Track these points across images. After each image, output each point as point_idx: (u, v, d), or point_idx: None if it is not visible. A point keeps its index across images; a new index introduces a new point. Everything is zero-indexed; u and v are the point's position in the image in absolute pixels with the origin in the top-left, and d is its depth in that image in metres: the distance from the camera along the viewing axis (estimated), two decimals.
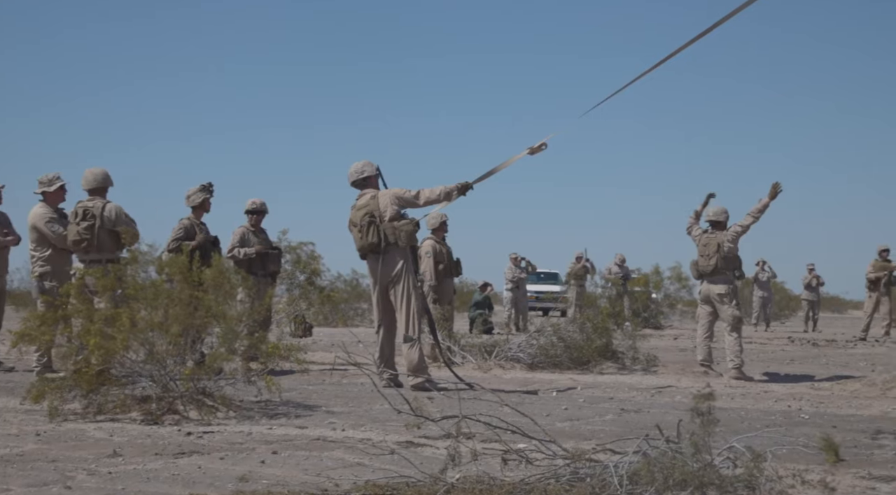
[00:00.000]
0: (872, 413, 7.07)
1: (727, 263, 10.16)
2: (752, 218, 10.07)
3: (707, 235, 10.31)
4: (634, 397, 8.03)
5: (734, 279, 10.32)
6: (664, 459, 3.62)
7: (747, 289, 26.10)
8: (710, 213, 10.40)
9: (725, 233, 10.21)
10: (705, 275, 10.29)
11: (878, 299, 18.63)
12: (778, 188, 9.95)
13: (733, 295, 10.27)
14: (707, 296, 10.35)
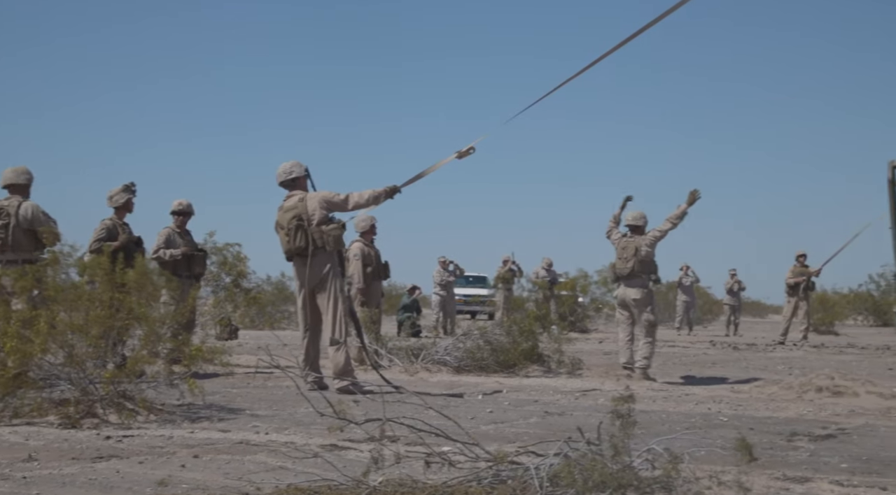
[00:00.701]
0: (788, 415, 7.24)
1: (644, 267, 10.36)
2: (670, 224, 10.28)
3: (625, 239, 10.50)
4: (559, 400, 8.11)
5: (650, 283, 10.52)
6: (584, 461, 3.67)
7: (671, 293, 26.52)
8: (629, 218, 10.60)
9: (643, 237, 10.40)
10: (622, 277, 10.48)
11: (797, 304, 19.08)
12: (696, 195, 10.18)
13: (649, 299, 10.48)
14: (623, 300, 10.54)
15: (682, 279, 24.38)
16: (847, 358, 14.39)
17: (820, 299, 26.44)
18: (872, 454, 5.43)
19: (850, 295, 33.77)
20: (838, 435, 6.15)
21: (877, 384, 8.81)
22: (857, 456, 5.33)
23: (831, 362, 13.01)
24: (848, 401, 8.06)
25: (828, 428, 6.50)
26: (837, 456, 5.35)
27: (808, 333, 19.33)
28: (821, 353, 15.62)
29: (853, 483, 4.54)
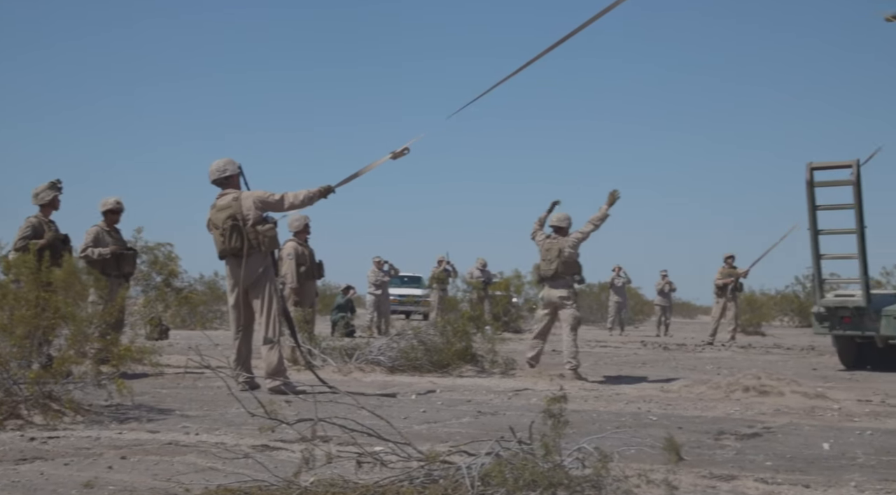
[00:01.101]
0: (716, 414, 7.37)
1: (567, 268, 10.56)
2: (592, 225, 10.56)
3: (549, 240, 10.70)
4: (492, 400, 8.15)
5: (574, 283, 10.71)
6: (516, 460, 3.69)
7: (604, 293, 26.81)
8: (553, 219, 10.81)
9: (567, 238, 10.61)
10: (546, 278, 10.68)
11: (725, 305, 19.42)
12: (615, 195, 10.51)
13: (573, 297, 10.69)
14: (549, 300, 10.71)
15: (615, 280, 24.66)
16: (773, 358, 14.69)
17: (748, 300, 26.94)
18: (796, 452, 5.55)
19: (777, 296, 34.47)
20: (764, 434, 6.28)
21: (801, 384, 9.00)
22: (782, 455, 5.44)
23: (758, 362, 13.27)
24: (773, 401, 8.23)
25: (754, 426, 6.63)
26: (762, 454, 5.46)
27: (735, 334, 19.69)
28: (748, 354, 15.92)
29: (777, 480, 4.64)
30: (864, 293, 11.58)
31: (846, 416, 7.34)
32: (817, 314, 12.09)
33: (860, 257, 11.37)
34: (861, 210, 11.09)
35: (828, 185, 11.45)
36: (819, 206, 11.40)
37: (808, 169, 11.16)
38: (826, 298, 11.93)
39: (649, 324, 30.09)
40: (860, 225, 11.18)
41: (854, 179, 10.91)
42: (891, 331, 11.55)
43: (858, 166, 10.83)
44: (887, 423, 6.96)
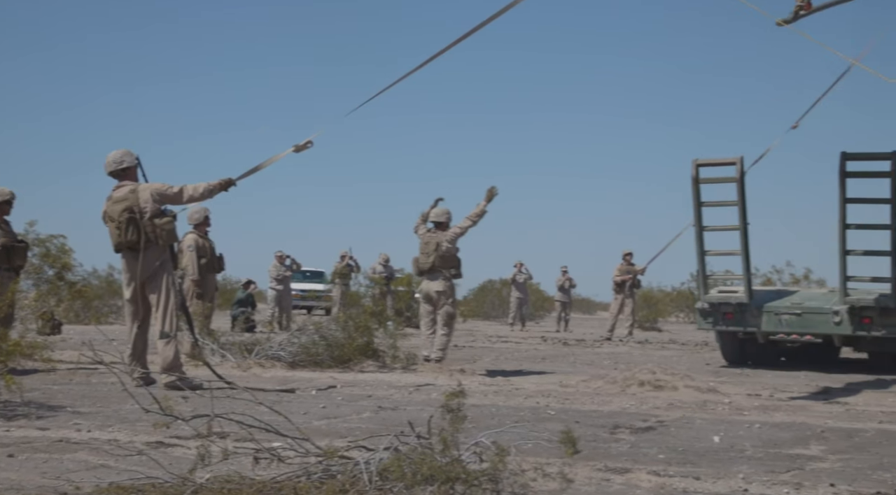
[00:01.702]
0: (612, 409, 7.51)
1: (445, 262, 10.79)
2: (469, 221, 10.80)
3: (429, 234, 10.90)
4: (393, 395, 8.16)
5: (451, 277, 10.91)
6: (414, 455, 3.70)
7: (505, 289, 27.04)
8: (433, 214, 11.01)
9: (445, 233, 10.82)
10: (424, 272, 10.89)
11: (623, 301, 19.80)
12: (494, 192, 10.76)
13: (451, 292, 10.91)
14: (427, 294, 10.92)
15: (516, 276, 24.90)
16: (668, 353, 15.05)
17: (645, 297, 27.51)
18: (688, 445, 5.70)
19: (673, 293, 35.29)
20: (657, 428, 6.43)
21: (695, 378, 9.25)
22: (674, 447, 5.58)
23: (654, 357, 13.58)
24: (668, 395, 8.43)
25: (648, 420, 6.78)
26: (656, 447, 5.59)
27: (633, 330, 20.09)
28: (645, 349, 16.27)
29: (669, 473, 4.76)
30: (746, 289, 11.75)
31: (736, 410, 7.56)
32: (701, 310, 12.26)
33: (743, 254, 11.50)
34: (744, 207, 11.21)
35: (713, 182, 11.53)
36: (704, 203, 11.46)
37: (694, 165, 11.24)
38: (710, 294, 12.08)
39: (550, 319, 30.45)
40: (743, 222, 11.28)
41: (738, 176, 11.03)
42: (772, 327, 11.80)
43: (742, 163, 10.99)
44: (775, 417, 7.19)
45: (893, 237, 10.67)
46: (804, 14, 10.18)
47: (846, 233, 10.80)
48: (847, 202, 10.65)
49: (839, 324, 11.30)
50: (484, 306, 33.23)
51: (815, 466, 5.08)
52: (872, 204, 10.95)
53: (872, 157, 10.71)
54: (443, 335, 10.84)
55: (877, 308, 11.03)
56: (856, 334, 11.35)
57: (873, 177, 10.79)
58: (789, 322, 11.66)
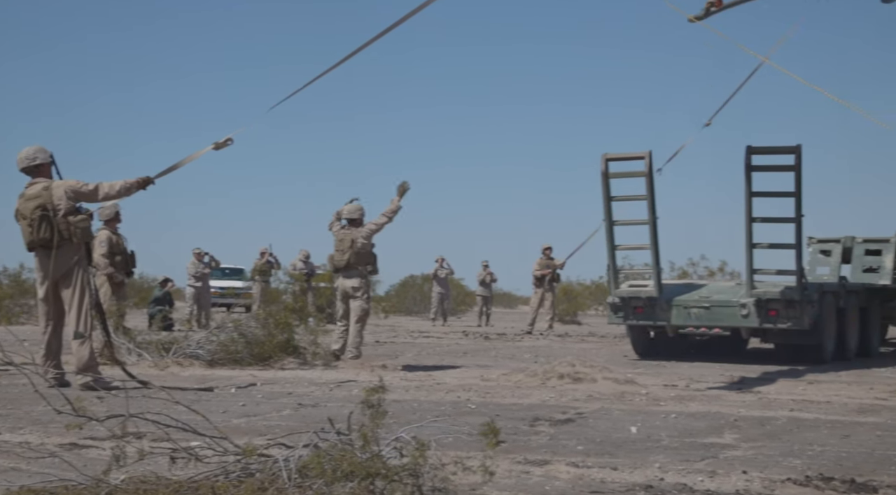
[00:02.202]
0: (532, 401, 7.59)
1: (360, 258, 10.85)
2: (385, 218, 10.91)
3: (343, 231, 10.93)
4: (313, 392, 8.11)
5: (367, 274, 11.00)
6: (334, 451, 3.69)
7: (427, 285, 27.06)
8: (346, 211, 11.04)
9: (360, 229, 10.86)
10: (340, 269, 10.93)
11: (543, 295, 19.99)
12: (405, 187, 10.91)
13: (366, 289, 10.97)
14: (342, 291, 11.00)
15: (438, 271, 24.94)
16: (588, 346, 15.25)
17: (564, 290, 27.79)
18: (606, 436, 5.79)
19: (592, 286, 35.70)
20: (576, 420, 6.51)
21: (613, 370, 9.40)
22: (593, 439, 5.67)
23: (573, 350, 13.73)
24: (587, 387, 8.55)
25: (567, 412, 6.87)
26: (575, 439, 5.66)
27: (553, 323, 20.30)
28: (564, 342, 16.46)
29: (587, 464, 4.82)
30: (655, 283, 11.83)
31: (653, 401, 7.70)
32: (612, 304, 12.28)
33: (652, 248, 11.58)
34: (653, 201, 11.29)
35: (622, 177, 11.58)
36: (614, 197, 11.50)
37: (603, 160, 11.24)
38: (620, 288, 12.15)
39: (471, 314, 30.57)
40: (652, 216, 11.35)
41: (646, 170, 11.12)
42: (681, 320, 11.87)
43: (651, 158, 11.08)
44: (690, 407, 7.35)
45: (797, 230, 10.83)
46: (715, 11, 10.40)
47: (752, 226, 10.95)
48: (753, 196, 10.80)
49: (746, 316, 11.42)
50: (405, 302, 33.24)
51: (729, 454, 5.20)
52: (778, 198, 11.11)
53: (777, 151, 10.87)
54: (356, 331, 10.87)
55: (782, 300, 11.20)
56: (763, 326, 11.52)
57: (778, 170, 10.97)
58: (698, 315, 11.76)
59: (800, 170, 10.54)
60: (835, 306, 12.06)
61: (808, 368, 10.89)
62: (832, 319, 12.05)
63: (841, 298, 12.24)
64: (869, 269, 15.64)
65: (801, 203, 10.71)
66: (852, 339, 12.68)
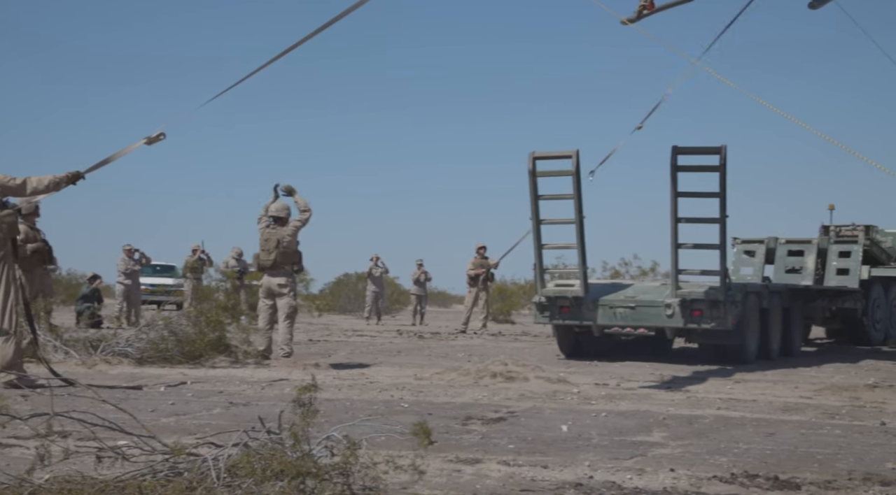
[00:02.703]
0: (465, 400, 7.61)
1: (286, 257, 10.82)
2: (306, 213, 10.88)
3: (269, 230, 10.90)
4: (245, 390, 8.04)
5: (293, 272, 10.99)
6: (264, 450, 3.67)
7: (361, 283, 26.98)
8: (272, 209, 11.00)
9: (285, 228, 10.85)
10: (266, 268, 10.89)
11: (477, 294, 20.05)
12: (287, 188, 10.86)
13: (292, 286, 10.97)
14: (268, 289, 10.92)
15: (372, 270, 24.88)
16: (521, 345, 15.32)
17: (498, 290, 27.90)
18: (537, 435, 5.84)
19: (526, 285, 35.87)
20: (508, 418, 6.55)
21: (545, 369, 9.47)
22: (524, 437, 5.71)
23: (507, 349, 13.79)
24: (519, 386, 8.60)
25: (499, 411, 6.90)
26: (506, 437, 5.70)
27: (487, 322, 20.37)
28: (498, 341, 16.53)
29: (518, 462, 4.86)
30: (581, 283, 11.79)
31: (584, 399, 7.78)
32: (538, 304, 12.20)
33: (579, 247, 11.54)
34: (580, 200, 11.26)
35: (550, 175, 11.52)
36: (541, 196, 11.45)
37: (531, 158, 11.18)
38: (546, 288, 12.06)
39: (406, 313, 30.57)
40: (579, 215, 11.33)
41: (573, 169, 11.08)
42: (607, 320, 11.85)
43: (578, 157, 11.03)
44: (621, 405, 7.43)
45: (721, 231, 10.86)
46: (647, 13, 10.56)
47: (678, 226, 10.97)
48: (679, 196, 10.83)
49: (671, 316, 11.45)
50: (340, 300, 33.08)
51: (657, 452, 5.28)
52: (703, 198, 11.13)
53: (702, 151, 10.88)
54: (285, 329, 10.82)
55: (706, 300, 11.26)
56: (687, 326, 11.58)
57: (703, 171, 10.99)
58: (624, 315, 11.77)
59: (724, 170, 10.57)
60: (758, 306, 12.18)
61: (735, 368, 11.08)
62: (755, 319, 12.16)
63: (764, 298, 12.37)
64: (792, 270, 15.98)
65: (725, 203, 10.78)
66: (775, 339, 12.83)
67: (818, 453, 5.32)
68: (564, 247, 11.92)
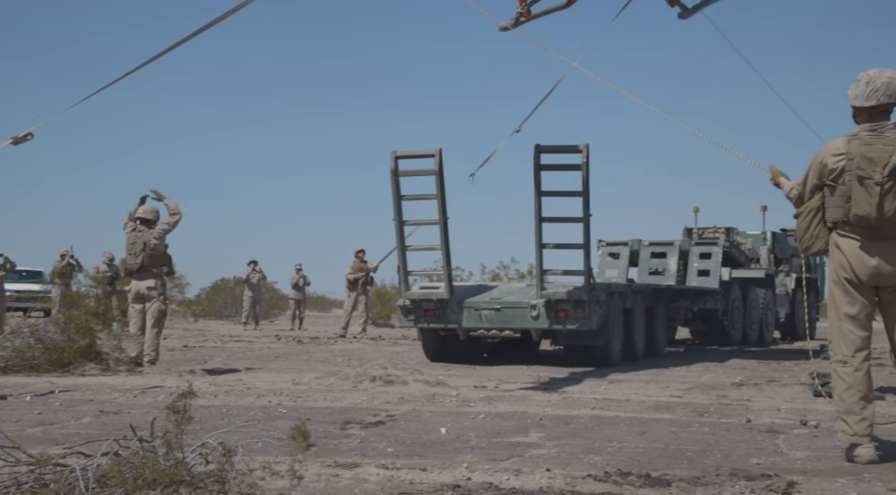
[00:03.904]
0: (344, 404, 7.57)
1: (154, 260, 10.62)
2: (176, 216, 10.68)
3: (135, 233, 10.69)
4: (116, 398, 7.82)
5: (163, 275, 10.79)
6: (136, 459, 3.57)
7: (238, 288, 26.55)
8: (140, 212, 10.80)
9: (152, 230, 10.64)
10: (133, 272, 10.67)
11: (357, 298, 20.00)
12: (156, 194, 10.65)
13: (161, 290, 10.73)
14: (137, 293, 10.70)
15: (249, 275, 24.52)
16: (401, 349, 15.34)
17: (378, 294, 27.89)
18: (416, 437, 5.85)
19: None
20: (387, 422, 6.54)
21: (424, 372, 9.50)
22: (403, 440, 5.71)
23: (386, 353, 13.80)
24: (398, 389, 8.60)
25: (378, 415, 6.89)
26: (385, 441, 5.69)
27: (366, 326, 20.33)
28: (377, 345, 16.51)
29: (397, 465, 4.86)
30: (446, 285, 11.55)
31: (463, 402, 7.83)
32: (403, 307, 11.94)
33: (443, 248, 11.30)
34: (444, 200, 11.03)
35: (413, 175, 11.27)
36: (404, 196, 11.19)
37: (393, 157, 10.91)
38: (411, 291, 11.80)
39: (284, 318, 30.25)
40: (443, 215, 11.11)
41: (436, 169, 10.85)
42: (472, 322, 11.67)
43: (441, 155, 10.80)
44: (499, 407, 7.51)
45: (585, 230, 10.74)
46: (524, 20, 10.74)
47: (542, 226, 10.83)
48: (542, 195, 10.68)
49: (536, 318, 11.30)
50: (216, 305, 32.51)
51: (534, 453, 5.35)
52: (566, 197, 10.97)
53: (565, 150, 10.73)
54: (153, 334, 10.60)
55: (571, 301, 11.12)
56: (552, 328, 11.44)
57: (566, 169, 10.84)
58: (489, 317, 11.59)
59: (587, 169, 10.45)
60: (622, 307, 12.19)
61: (610, 368, 11.30)
62: (619, 320, 12.17)
63: (628, 299, 12.40)
64: (655, 271, 16.38)
65: (588, 202, 10.66)
66: (639, 340, 12.92)
67: (688, 450, 5.48)
68: (429, 248, 11.62)
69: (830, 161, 5.17)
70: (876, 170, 5.00)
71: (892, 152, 5.00)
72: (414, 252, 11.74)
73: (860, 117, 5.20)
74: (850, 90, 5.20)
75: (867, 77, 5.16)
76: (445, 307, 11.72)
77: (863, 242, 5.11)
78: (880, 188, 4.98)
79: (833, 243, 5.26)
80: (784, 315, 19.02)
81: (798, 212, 5.46)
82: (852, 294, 5.17)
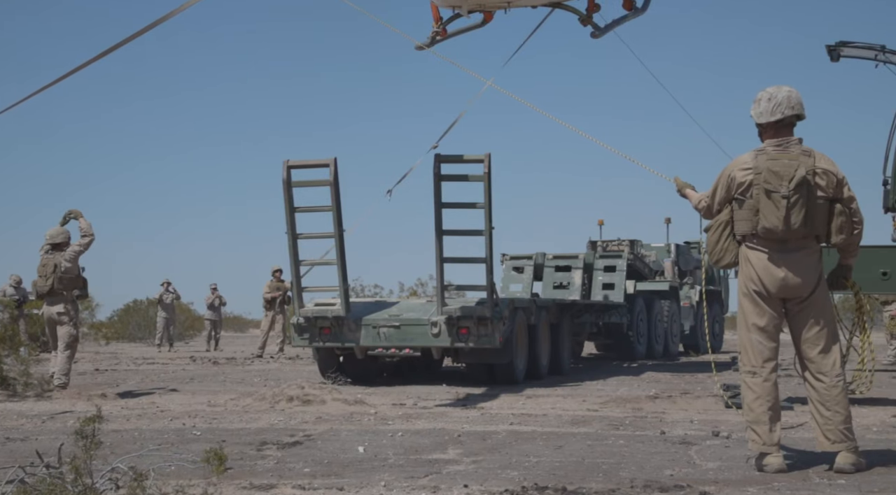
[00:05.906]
0: (260, 425, 7.48)
1: (65, 284, 10.40)
2: (88, 237, 10.46)
3: (46, 257, 10.47)
4: (23, 425, 7.62)
5: (74, 299, 10.58)
6: (42, 486, 3.48)
7: (152, 309, 26.06)
8: (48, 236, 10.56)
9: (64, 253, 10.41)
10: (44, 295, 10.45)
11: (274, 318, 19.79)
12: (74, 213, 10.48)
13: (72, 314, 10.50)
14: (48, 317, 10.50)
15: (163, 296, 24.08)
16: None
17: None
18: (334, 457, 5.81)
19: None
20: (304, 442, 6.49)
21: (342, 391, 9.45)
22: (320, 460, 5.67)
23: (304, 373, 13.65)
24: (316, 409, 8.53)
25: (295, 435, 6.83)
26: (302, 461, 5.64)
27: (284, 346, 20.12)
28: (295, 364, 16.34)
29: (314, 486, 4.82)
30: (343, 302, 10.89)
31: (381, 420, 7.80)
32: (296, 325, 11.30)
33: (339, 263, 10.64)
34: (339, 212, 10.43)
35: (307, 185, 10.67)
36: (297, 208, 10.51)
37: (285, 167, 10.32)
38: (305, 308, 11.11)
39: (200, 339, 29.80)
40: (338, 228, 10.49)
41: (331, 179, 10.27)
42: (370, 341, 11.12)
43: (336, 165, 10.25)
44: (417, 424, 7.51)
45: (488, 243, 10.30)
46: (440, 39, 10.83)
47: (443, 239, 10.37)
48: (442, 207, 10.19)
49: (437, 335, 10.81)
50: (129, 327, 31.81)
51: (452, 469, 5.36)
52: (468, 209, 10.48)
53: (466, 160, 10.28)
54: (64, 358, 10.32)
55: (473, 317, 10.64)
56: (454, 346, 10.93)
57: (467, 180, 10.42)
58: (388, 335, 11.02)
59: (489, 179, 10.02)
60: (526, 323, 11.81)
61: (527, 384, 11.34)
62: (524, 336, 11.79)
63: (532, 314, 11.98)
64: (560, 285, 16.33)
65: (490, 214, 10.19)
66: (544, 356, 12.48)
67: (603, 463, 5.55)
68: (324, 263, 10.95)
69: (738, 175, 5.32)
70: (782, 183, 5.16)
71: (797, 166, 5.17)
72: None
73: (766, 134, 5.36)
74: (753, 110, 5.36)
75: (767, 94, 5.33)
76: (342, 325, 11.09)
77: (771, 255, 5.26)
78: (787, 201, 5.14)
79: (742, 256, 5.39)
80: (689, 327, 19.27)
81: (708, 225, 5.59)
82: (761, 306, 5.31)
